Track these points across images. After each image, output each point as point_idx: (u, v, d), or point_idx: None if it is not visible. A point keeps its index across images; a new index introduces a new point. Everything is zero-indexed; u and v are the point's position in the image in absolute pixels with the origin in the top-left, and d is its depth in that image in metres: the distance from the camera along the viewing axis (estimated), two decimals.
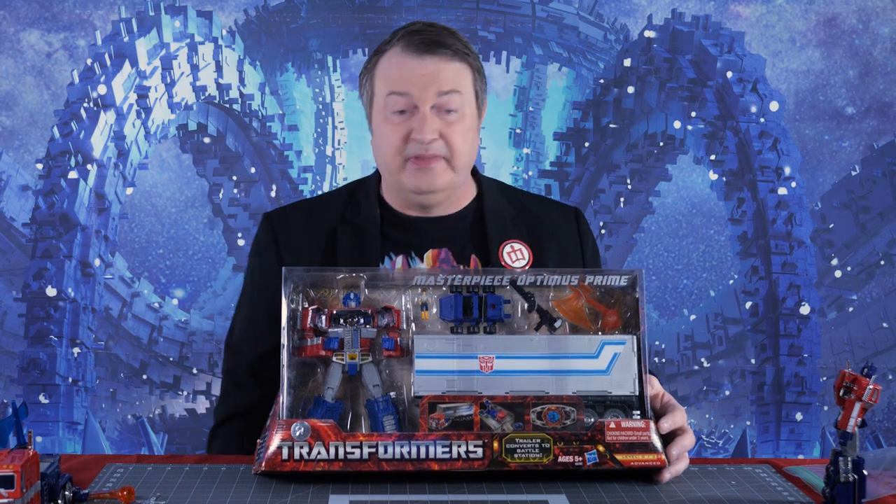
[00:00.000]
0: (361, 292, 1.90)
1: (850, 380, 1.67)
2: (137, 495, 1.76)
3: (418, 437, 1.78)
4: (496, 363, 1.87)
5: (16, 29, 6.93)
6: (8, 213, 7.11)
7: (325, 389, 1.86)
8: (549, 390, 1.85)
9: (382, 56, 2.17)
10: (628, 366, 1.88)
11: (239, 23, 7.70)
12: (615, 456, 1.80)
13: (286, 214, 2.31)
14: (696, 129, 7.06)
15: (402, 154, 2.14)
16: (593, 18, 7.83)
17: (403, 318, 1.90)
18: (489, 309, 1.90)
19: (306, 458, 1.77)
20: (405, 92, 2.12)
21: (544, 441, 1.79)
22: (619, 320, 1.92)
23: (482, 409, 1.83)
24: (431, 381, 1.84)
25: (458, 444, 1.78)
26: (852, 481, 1.68)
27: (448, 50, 2.14)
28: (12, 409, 1.66)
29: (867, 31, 6.94)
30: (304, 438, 1.77)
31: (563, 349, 1.88)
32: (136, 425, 7.18)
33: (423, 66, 2.12)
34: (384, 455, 1.77)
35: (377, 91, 2.17)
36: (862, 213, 7.31)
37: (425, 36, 2.14)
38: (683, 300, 8.04)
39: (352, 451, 1.77)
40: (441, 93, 2.12)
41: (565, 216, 2.35)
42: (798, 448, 6.65)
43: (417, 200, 2.21)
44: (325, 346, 1.86)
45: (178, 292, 7.91)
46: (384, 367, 1.89)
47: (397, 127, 2.14)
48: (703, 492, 1.82)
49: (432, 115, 2.13)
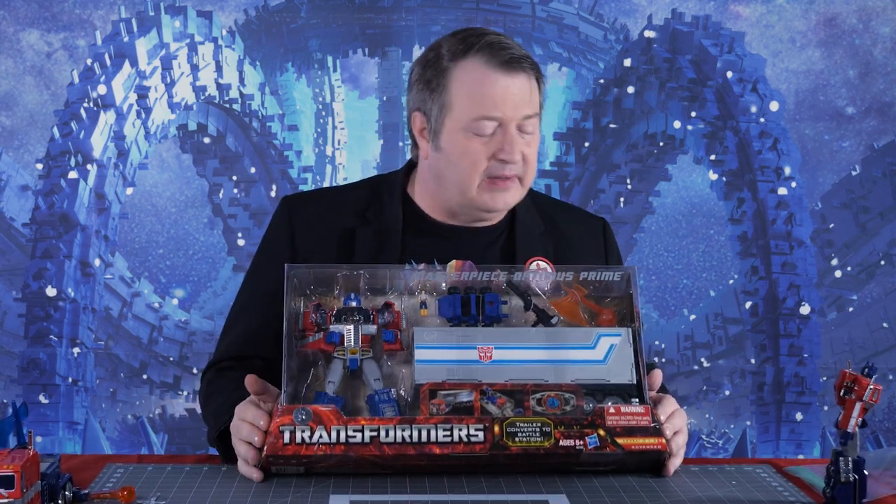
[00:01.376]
0: (362, 293, 1.91)
1: (851, 380, 1.67)
2: (137, 495, 1.76)
3: (419, 420, 1.79)
4: (495, 353, 1.88)
5: (16, 29, 6.92)
6: (8, 213, 7.11)
7: (326, 384, 1.87)
8: (548, 378, 1.86)
9: (458, 66, 2.11)
10: (625, 356, 1.89)
11: (239, 23, 7.69)
12: (616, 440, 1.80)
13: (306, 201, 2.27)
14: (696, 129, 7.06)
15: (484, 173, 2.11)
16: (593, 18, 7.82)
17: (403, 318, 1.91)
18: (487, 306, 1.91)
19: (308, 441, 1.76)
20: (497, 117, 2.08)
21: (545, 425, 1.80)
22: (613, 318, 1.94)
23: (482, 396, 1.84)
24: (431, 370, 1.85)
25: (459, 428, 1.79)
26: (853, 481, 1.68)
27: (529, 66, 2.11)
28: (12, 409, 1.66)
29: (867, 31, 6.94)
30: (306, 423, 1.77)
31: (561, 340, 1.89)
32: (136, 425, 7.18)
33: (512, 85, 2.09)
34: (385, 439, 1.77)
35: (457, 107, 2.10)
36: (862, 213, 7.31)
37: (509, 51, 2.09)
38: (683, 300, 8.03)
39: (353, 434, 1.77)
40: (526, 116, 2.10)
41: (593, 230, 2.34)
42: (798, 448, 6.65)
43: (481, 215, 2.18)
44: (327, 340, 1.87)
45: (178, 292, 7.91)
46: (384, 363, 1.90)
47: (482, 147, 2.09)
48: (704, 492, 1.82)
49: (517, 135, 2.10)
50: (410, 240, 2.19)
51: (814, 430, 6.66)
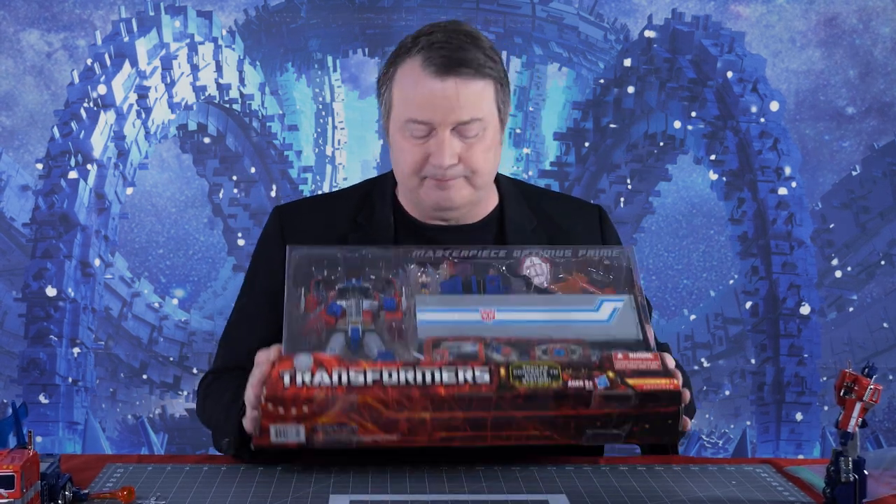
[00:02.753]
0: (365, 278, 1.89)
1: (851, 380, 1.67)
2: (137, 495, 1.76)
3: (424, 364, 1.77)
4: (498, 315, 1.86)
5: (16, 29, 6.93)
6: (8, 213, 7.12)
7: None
8: (552, 336, 1.85)
9: (401, 65, 2.08)
10: (629, 318, 1.87)
11: (239, 23, 7.70)
12: (626, 380, 1.77)
13: (297, 211, 2.26)
14: (696, 129, 7.06)
15: (420, 174, 2.08)
16: (593, 18, 7.83)
17: (403, 296, 1.88)
18: (488, 285, 1.90)
19: (308, 384, 1.74)
20: (424, 120, 2.04)
21: (552, 368, 1.78)
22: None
23: (486, 347, 1.82)
24: (434, 328, 1.83)
25: (464, 370, 1.76)
26: (853, 481, 1.68)
27: (469, 69, 2.04)
28: (12, 409, 1.66)
29: (867, 31, 6.94)
30: (307, 368, 1.75)
31: (564, 304, 1.89)
32: (136, 425, 7.18)
33: (443, 90, 2.03)
34: (389, 381, 1.75)
35: (395, 106, 2.09)
36: (862, 213, 7.31)
37: (446, 52, 2.04)
38: (683, 300, 8.04)
39: (355, 376, 1.75)
40: (461, 122, 2.04)
41: (588, 218, 2.30)
42: (798, 448, 6.65)
43: (436, 216, 2.16)
44: (328, 311, 1.85)
45: (178, 292, 7.92)
46: (386, 337, 1.87)
47: (416, 149, 2.06)
48: (704, 492, 1.82)
49: (452, 138, 2.05)
50: (402, 242, 2.18)
51: (814, 430, 6.67)
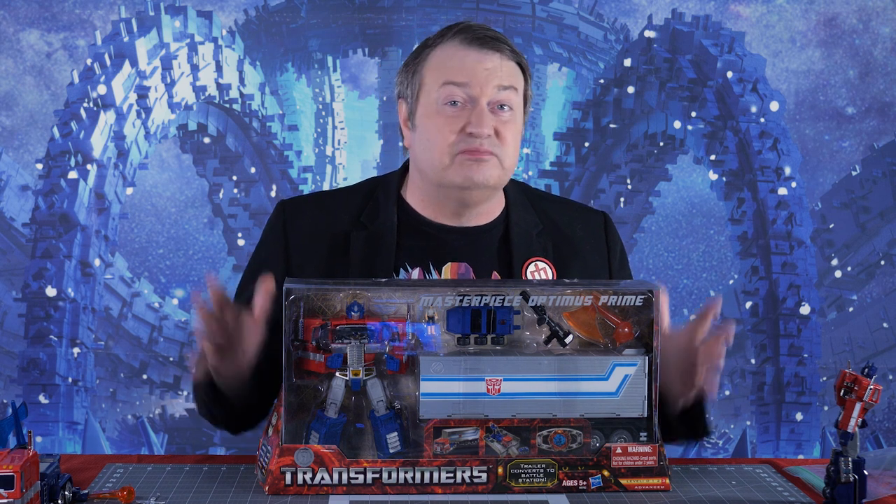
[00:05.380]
0: (367, 302, 1.86)
1: (851, 380, 1.67)
2: (137, 495, 1.76)
3: (423, 463, 1.78)
4: (504, 385, 1.83)
5: (15, 29, 6.92)
6: (8, 213, 7.10)
7: (327, 405, 1.84)
8: (556, 413, 1.84)
9: (435, 49, 2.12)
10: (638, 388, 1.85)
11: (239, 23, 7.69)
12: (619, 481, 1.79)
13: (301, 206, 2.25)
14: (696, 129, 7.06)
15: (454, 148, 2.08)
16: (593, 18, 7.82)
17: (409, 335, 1.86)
18: (498, 325, 1.86)
19: (310, 483, 1.77)
20: (464, 82, 2.07)
21: (549, 466, 1.79)
22: (631, 333, 1.89)
23: (487, 434, 1.82)
24: (437, 404, 1.82)
25: (462, 470, 1.78)
26: (853, 481, 1.68)
27: (508, 47, 2.11)
28: (12, 409, 1.66)
29: (868, 31, 6.94)
30: (308, 465, 1.77)
31: (573, 371, 1.85)
32: (136, 425, 7.17)
33: (485, 60, 2.09)
34: (388, 480, 1.78)
35: (428, 82, 2.11)
36: (862, 213, 7.31)
37: (485, 32, 2.11)
38: (683, 300, 8.02)
39: (356, 476, 1.77)
40: (501, 87, 2.07)
41: (593, 226, 2.29)
42: (798, 448, 6.64)
43: (460, 197, 2.13)
44: (329, 364, 1.82)
45: (178, 292, 7.90)
46: (388, 381, 1.86)
47: (451, 119, 2.07)
48: (704, 492, 1.82)
49: (488, 111, 2.08)
50: (405, 242, 2.16)
51: (814, 430, 6.66)
